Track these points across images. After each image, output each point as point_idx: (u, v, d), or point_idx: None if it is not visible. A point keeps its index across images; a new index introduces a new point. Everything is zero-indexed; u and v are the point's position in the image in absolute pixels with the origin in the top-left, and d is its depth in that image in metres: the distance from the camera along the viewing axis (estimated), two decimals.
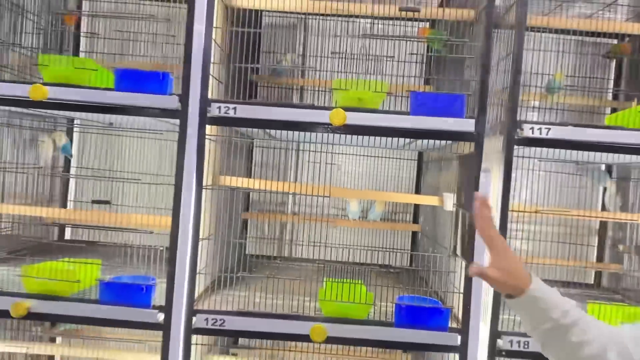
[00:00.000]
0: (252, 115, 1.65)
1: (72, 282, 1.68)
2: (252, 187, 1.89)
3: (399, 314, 1.66)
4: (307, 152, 2.65)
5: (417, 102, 1.65)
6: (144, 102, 1.63)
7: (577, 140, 1.64)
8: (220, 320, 1.66)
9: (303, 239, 2.66)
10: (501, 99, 1.84)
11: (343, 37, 2.18)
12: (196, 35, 1.65)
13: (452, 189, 1.92)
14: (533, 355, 1.64)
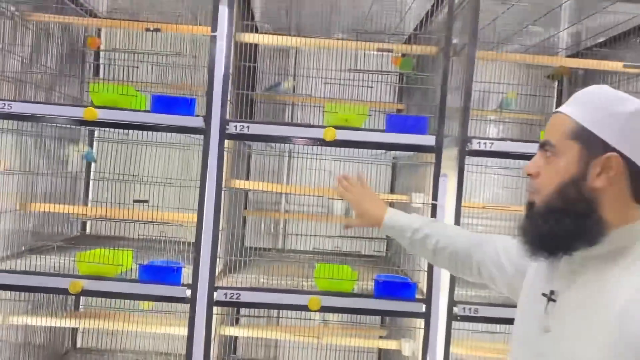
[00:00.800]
0: (262, 132, 2.09)
1: (116, 265, 2.10)
2: (257, 189, 2.33)
3: (377, 288, 2.12)
4: (298, 158, 3.10)
5: (390, 122, 2.12)
6: (176, 122, 2.06)
7: (513, 151, 2.13)
8: (236, 294, 2.10)
9: (295, 232, 3.10)
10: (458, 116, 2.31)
11: (330, 69, 2.62)
12: (217, 67, 2.09)
13: (419, 189, 2.39)
14: (479, 318, 2.13)
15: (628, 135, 1.05)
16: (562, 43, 2.89)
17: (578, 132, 1.07)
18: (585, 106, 1.09)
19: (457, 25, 2.31)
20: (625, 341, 0.96)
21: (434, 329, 2.12)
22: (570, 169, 1.08)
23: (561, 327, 1.08)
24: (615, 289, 1.01)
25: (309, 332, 2.39)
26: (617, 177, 1.05)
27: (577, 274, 1.10)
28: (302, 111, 3.10)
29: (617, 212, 1.06)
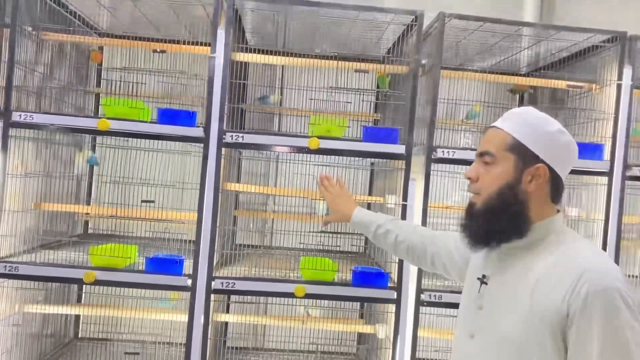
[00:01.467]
0: (255, 141, 2.39)
1: (125, 258, 2.38)
2: (249, 191, 2.62)
3: (355, 277, 2.43)
4: (285, 163, 3.39)
5: (367, 133, 2.44)
6: (179, 132, 2.35)
7: (471, 159, 2.44)
8: (231, 283, 2.39)
9: (281, 230, 3.39)
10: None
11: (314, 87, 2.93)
12: (216, 84, 2.38)
13: (392, 191, 2.70)
14: (444, 304, 2.45)
15: (552, 149, 1.29)
16: (523, 62, 3.24)
17: (515, 145, 1.29)
18: (521, 125, 1.31)
19: (426, 48, 2.64)
20: (533, 310, 1.20)
21: (403, 313, 2.44)
22: (508, 176, 1.29)
23: (491, 305, 1.32)
24: (529, 272, 1.25)
25: (294, 319, 2.69)
26: (542, 183, 1.29)
27: (503, 261, 1.33)
28: (288, 121, 3.40)
29: (539, 210, 1.30)
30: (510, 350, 1.24)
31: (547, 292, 1.20)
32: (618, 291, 1.14)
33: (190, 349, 2.39)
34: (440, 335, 2.65)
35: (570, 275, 1.18)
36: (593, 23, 2.67)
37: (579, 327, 1.15)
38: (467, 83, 3.33)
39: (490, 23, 2.48)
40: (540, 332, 1.20)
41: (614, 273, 1.19)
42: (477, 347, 1.33)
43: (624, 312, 1.13)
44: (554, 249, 1.27)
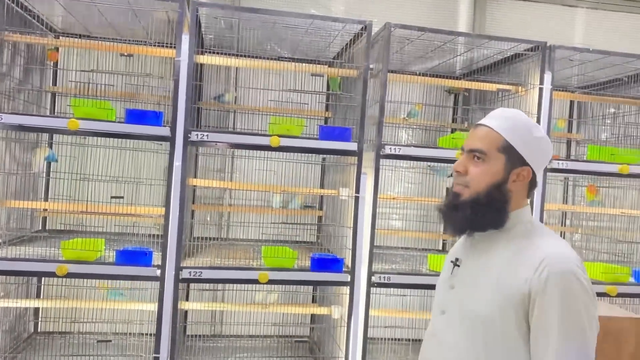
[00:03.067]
0: (220, 139, 2.57)
1: (95, 251, 2.49)
2: (212, 186, 2.79)
3: (313, 263, 2.67)
4: (240, 158, 3.57)
5: (322, 132, 2.67)
6: (146, 131, 2.49)
7: (416, 155, 2.74)
8: (199, 272, 2.56)
9: (238, 222, 3.57)
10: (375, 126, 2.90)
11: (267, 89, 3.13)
12: (181, 85, 2.53)
13: (345, 184, 2.95)
14: (392, 284, 2.73)
15: (536, 153, 1.41)
16: (458, 66, 3.57)
17: (506, 148, 1.39)
18: (512, 128, 1.40)
19: (373, 54, 2.90)
20: (500, 290, 1.32)
21: (357, 294, 2.70)
22: (497, 175, 1.39)
23: (461, 285, 1.44)
24: (497, 257, 1.38)
25: (254, 304, 2.89)
26: (524, 183, 1.42)
27: (475, 247, 1.45)
28: (242, 119, 3.58)
29: (515, 201, 1.41)
30: (477, 326, 1.36)
31: (512, 274, 1.33)
32: (575, 274, 1.28)
33: (160, 337, 2.54)
34: (389, 314, 2.94)
35: (533, 260, 1.31)
36: (519, 33, 3.04)
37: (540, 305, 1.27)
38: (409, 85, 3.63)
39: (430, 33, 2.77)
40: (504, 310, 1.31)
41: (572, 259, 1.32)
42: (446, 323, 1.45)
43: (579, 293, 1.27)
44: (520, 237, 1.39)
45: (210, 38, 3.19)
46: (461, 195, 1.43)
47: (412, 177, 3.76)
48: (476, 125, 1.49)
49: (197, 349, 3.30)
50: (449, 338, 1.43)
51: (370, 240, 2.73)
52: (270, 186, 2.85)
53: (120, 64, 3.14)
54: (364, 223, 2.72)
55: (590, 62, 3.07)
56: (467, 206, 1.41)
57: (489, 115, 1.48)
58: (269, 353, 3.22)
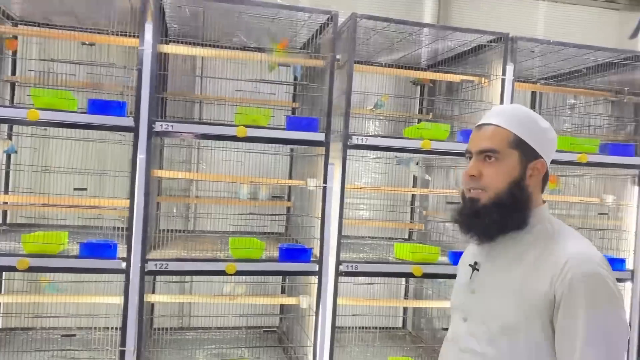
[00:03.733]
0: (184, 130, 2.54)
1: (58, 244, 2.44)
2: (178, 177, 2.76)
3: (281, 254, 2.67)
4: (207, 149, 3.54)
5: (290, 122, 2.67)
6: (109, 122, 2.44)
7: (382, 145, 2.77)
8: (165, 264, 2.53)
9: (204, 215, 3.54)
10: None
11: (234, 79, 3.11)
12: (144, 75, 2.49)
13: (313, 174, 2.96)
14: (359, 273, 2.76)
15: (546, 144, 1.40)
16: (423, 57, 3.60)
17: (518, 142, 1.36)
18: (518, 122, 1.38)
19: (340, 44, 2.91)
20: (524, 295, 1.30)
21: (325, 284, 2.72)
22: (515, 171, 1.36)
23: (482, 289, 1.42)
24: (520, 260, 1.35)
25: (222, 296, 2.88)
26: (539, 177, 1.40)
27: (494, 249, 1.42)
28: (209, 109, 3.54)
29: (533, 201, 1.40)
30: (500, 332, 1.33)
31: (536, 278, 1.30)
32: (600, 275, 1.25)
33: (126, 331, 2.51)
34: (357, 302, 2.97)
35: (557, 262, 1.28)
36: (484, 25, 3.08)
37: (565, 309, 1.24)
38: (376, 76, 3.66)
39: (395, 23, 2.79)
40: (529, 316, 1.28)
41: (596, 259, 1.28)
42: (468, 329, 1.41)
43: (605, 295, 1.24)
44: (542, 238, 1.36)
45: (175, 27, 3.14)
46: (480, 200, 1.39)
47: (379, 168, 3.80)
48: (479, 126, 1.45)
49: (164, 342, 3.27)
50: (472, 345, 1.39)
51: (338, 230, 2.74)
52: (237, 177, 2.84)
53: (82, 53, 3.06)
54: (331, 213, 2.74)
55: (551, 54, 3.15)
56: (491, 210, 1.36)
57: (489, 113, 1.45)
58: (237, 344, 3.21)
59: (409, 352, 3.27)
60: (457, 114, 3.47)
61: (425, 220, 3.77)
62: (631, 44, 4.15)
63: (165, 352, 3.08)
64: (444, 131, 2.86)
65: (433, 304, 3.24)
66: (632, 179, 3.19)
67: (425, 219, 3.78)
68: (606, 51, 3.07)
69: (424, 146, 2.79)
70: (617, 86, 3.31)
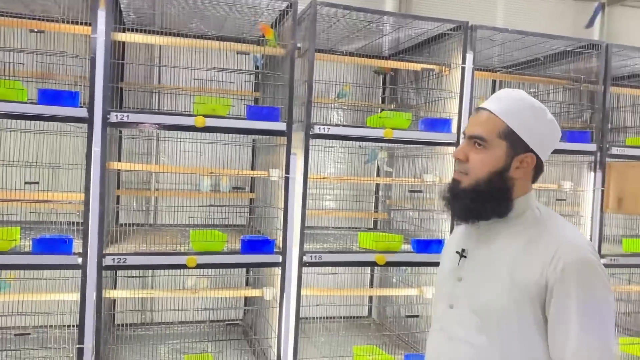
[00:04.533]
0: (141, 120, 2.46)
1: (9, 240, 2.34)
2: (134, 169, 2.68)
3: (244, 246, 2.63)
4: (167, 140, 3.46)
5: (250, 111, 2.62)
6: (62, 113, 2.35)
7: (344, 134, 2.75)
8: (123, 259, 2.47)
9: (166, 207, 3.47)
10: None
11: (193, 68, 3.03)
12: (98, 64, 2.40)
13: (275, 165, 2.92)
14: (322, 263, 2.74)
15: (541, 138, 1.36)
16: (385, 46, 3.59)
17: (508, 133, 1.34)
18: (514, 113, 1.34)
19: (300, 32, 2.87)
20: (514, 282, 1.29)
21: (288, 275, 2.70)
22: (499, 162, 1.35)
23: (470, 277, 1.40)
24: (509, 247, 1.35)
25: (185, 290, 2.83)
26: (528, 169, 1.38)
27: (482, 236, 1.41)
28: (167, 99, 3.46)
29: (519, 190, 1.39)
30: (491, 320, 1.32)
31: (527, 266, 1.30)
32: (591, 263, 1.26)
33: (83, 328, 2.43)
34: (321, 293, 2.96)
35: (547, 250, 1.28)
36: (445, 13, 3.09)
37: (557, 296, 1.25)
38: (338, 65, 3.63)
39: (355, 11, 2.76)
40: (520, 303, 1.28)
41: (586, 246, 1.30)
42: (456, 317, 1.41)
43: (596, 282, 1.25)
44: (530, 225, 1.36)
45: (131, 15, 3.05)
46: (461, 183, 1.39)
47: (344, 158, 3.78)
48: (477, 109, 1.43)
49: (126, 338, 3.20)
50: (460, 333, 1.38)
51: (301, 220, 2.72)
52: (197, 169, 2.78)
53: (31, 42, 2.94)
54: (294, 204, 2.71)
55: (510, 42, 3.18)
56: (466, 194, 1.37)
57: (492, 97, 1.42)
58: (200, 338, 3.17)
59: (374, 340, 3.29)
60: (419, 103, 3.48)
61: (389, 210, 3.79)
62: (587, 33, 4.25)
63: (127, 348, 3.02)
64: (406, 120, 2.86)
65: (397, 291, 3.25)
66: (588, 165, 3.26)
67: (389, 208, 3.79)
68: (563, 40, 3.13)
69: (386, 135, 2.79)
70: (574, 74, 3.38)
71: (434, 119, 2.95)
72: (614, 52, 3.22)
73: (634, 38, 4.17)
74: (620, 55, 3.32)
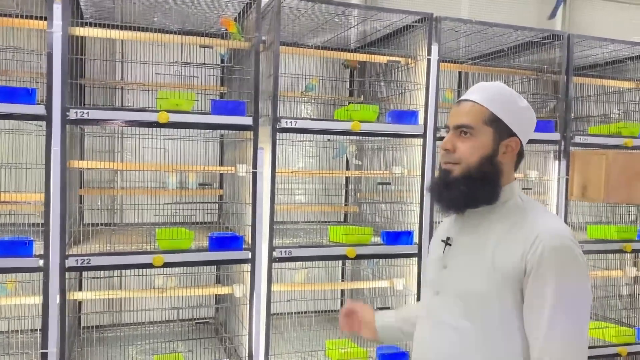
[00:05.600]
0: (102, 117, 2.40)
1: None
2: (95, 167, 2.61)
3: (211, 243, 2.59)
4: (132, 138, 3.37)
5: (215, 106, 2.58)
6: (17, 110, 2.27)
7: (312, 128, 2.73)
8: (87, 260, 2.40)
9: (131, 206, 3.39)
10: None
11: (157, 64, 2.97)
12: (55, 60, 2.32)
13: (243, 160, 2.88)
14: (292, 258, 2.72)
15: (522, 123, 1.42)
16: (352, 39, 3.58)
17: (493, 120, 1.40)
18: (497, 100, 1.41)
19: (265, 25, 2.83)
20: (495, 267, 1.33)
21: (258, 271, 2.67)
22: (487, 148, 1.40)
23: (454, 264, 1.44)
24: (491, 233, 1.39)
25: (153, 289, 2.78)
26: (513, 154, 1.43)
27: (466, 224, 1.45)
28: (131, 96, 3.37)
29: (506, 178, 1.44)
30: (473, 305, 1.37)
31: (508, 250, 1.34)
32: (569, 249, 1.30)
33: (47, 332, 2.36)
34: (292, 288, 2.94)
35: (528, 236, 1.32)
36: (410, 5, 3.09)
37: (535, 280, 1.29)
38: (305, 58, 3.60)
39: (320, 4, 2.74)
40: (501, 286, 1.32)
41: (566, 234, 1.33)
42: (441, 303, 1.45)
43: (574, 268, 1.29)
44: (512, 213, 1.40)
45: (90, 9, 2.96)
46: (452, 172, 1.43)
47: (313, 152, 3.76)
48: (459, 102, 1.48)
49: (93, 341, 3.13)
50: (445, 318, 1.42)
51: (270, 215, 2.69)
52: (162, 165, 2.72)
53: None
54: (262, 199, 2.68)
55: (475, 34, 3.20)
56: (460, 182, 1.40)
57: (470, 89, 1.48)
58: (170, 338, 3.11)
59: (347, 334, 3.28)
60: (387, 96, 3.48)
61: (359, 203, 3.79)
62: (551, 25, 4.31)
63: (94, 350, 2.94)
64: (373, 112, 2.86)
65: (368, 284, 3.25)
66: (553, 154, 3.31)
67: (359, 201, 3.79)
68: (526, 30, 3.16)
69: (353, 128, 2.78)
70: (538, 65, 3.42)
71: (400, 111, 2.95)
72: (575, 42, 3.28)
73: (596, 29, 4.24)
74: (582, 46, 3.38)
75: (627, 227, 3.34)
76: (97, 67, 3.29)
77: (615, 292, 3.84)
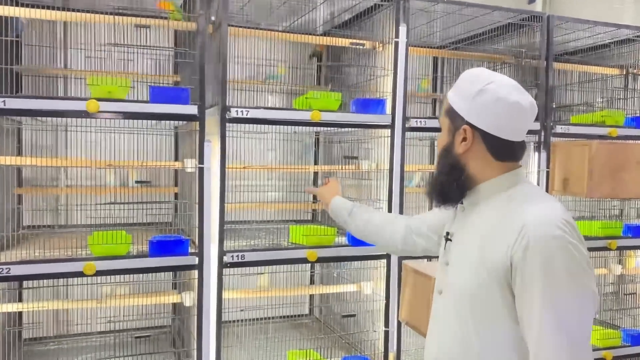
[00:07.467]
0: (21, 106, 2.10)
1: None
2: (27, 164, 2.32)
3: (152, 248, 2.31)
4: (75, 132, 3.07)
5: (154, 93, 2.29)
6: None
7: (266, 117, 2.45)
8: (6, 269, 2.11)
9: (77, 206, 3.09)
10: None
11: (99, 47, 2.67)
12: None
13: (191, 154, 2.60)
14: (245, 263, 2.45)
15: (475, 109, 1.30)
16: (318, 23, 3.30)
17: (448, 110, 1.37)
18: (453, 88, 1.38)
19: (214, 4, 2.55)
20: (483, 262, 1.26)
21: (207, 277, 2.39)
22: (444, 140, 1.38)
23: (454, 260, 1.39)
24: (477, 229, 1.33)
25: (97, 300, 2.49)
26: (473, 144, 1.32)
27: (465, 218, 1.40)
28: (76, 85, 3.07)
29: (481, 169, 1.34)
30: (464, 303, 1.30)
31: (493, 246, 1.25)
32: (556, 239, 1.16)
33: None
34: (245, 295, 2.66)
35: (513, 228, 1.22)
36: None
37: (522, 276, 1.19)
38: (272, 45, 3.33)
39: None
40: (489, 283, 1.25)
41: (556, 221, 1.19)
42: (443, 302, 1.41)
43: (562, 259, 1.16)
44: (502, 205, 1.30)
45: None
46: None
47: (279, 145, 3.49)
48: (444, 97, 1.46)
49: (36, 354, 2.85)
50: (444, 317, 1.39)
51: (220, 215, 2.42)
52: (96, 162, 2.42)
53: None
54: (211, 197, 2.40)
55: (449, 15, 2.94)
56: (434, 177, 1.43)
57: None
58: (120, 351, 2.83)
59: (314, 342, 3.02)
60: (357, 82, 3.21)
61: None
62: (531, 8, 4.07)
63: None
64: (335, 100, 2.59)
65: (334, 289, 2.98)
66: (533, 145, 3.07)
67: None
68: (502, 11, 2.91)
69: (313, 118, 2.51)
70: (517, 50, 3.18)
71: (366, 100, 2.68)
72: (556, 24, 3.03)
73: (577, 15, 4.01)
74: (564, 28, 3.14)
75: (612, 223, 3.12)
76: (35, 54, 2.98)
77: (600, 291, 3.62)
